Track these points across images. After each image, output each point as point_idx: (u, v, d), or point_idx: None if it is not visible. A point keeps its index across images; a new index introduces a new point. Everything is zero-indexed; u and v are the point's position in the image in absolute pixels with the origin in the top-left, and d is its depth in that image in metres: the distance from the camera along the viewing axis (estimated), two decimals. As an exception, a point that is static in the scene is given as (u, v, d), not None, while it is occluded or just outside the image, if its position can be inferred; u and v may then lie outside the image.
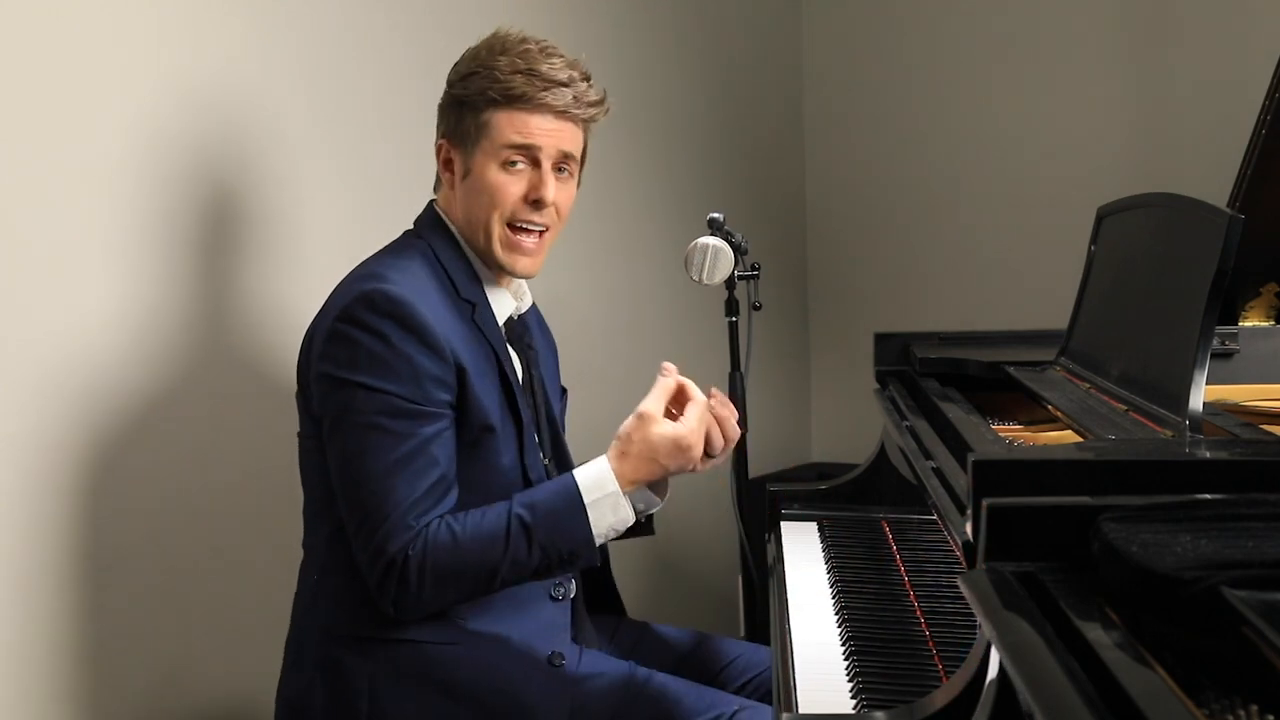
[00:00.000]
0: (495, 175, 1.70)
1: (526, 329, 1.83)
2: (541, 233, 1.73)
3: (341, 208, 2.26)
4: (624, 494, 1.62)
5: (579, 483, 1.62)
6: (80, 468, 1.86)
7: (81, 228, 1.86)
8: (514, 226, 1.72)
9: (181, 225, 2.00)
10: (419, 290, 1.63)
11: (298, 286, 2.14)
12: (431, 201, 1.80)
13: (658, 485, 1.68)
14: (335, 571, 1.67)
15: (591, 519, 1.61)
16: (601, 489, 1.62)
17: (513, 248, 1.72)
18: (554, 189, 1.71)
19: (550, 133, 1.70)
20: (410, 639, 1.63)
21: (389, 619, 1.61)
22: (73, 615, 1.85)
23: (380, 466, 1.57)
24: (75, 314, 1.85)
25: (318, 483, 1.70)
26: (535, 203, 1.71)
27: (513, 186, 1.70)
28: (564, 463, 1.81)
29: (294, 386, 1.75)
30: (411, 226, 1.79)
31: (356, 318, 1.60)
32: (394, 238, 1.79)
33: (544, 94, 1.68)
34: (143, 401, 1.94)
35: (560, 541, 1.60)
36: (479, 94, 1.69)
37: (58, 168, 1.82)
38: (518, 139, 1.69)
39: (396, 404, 1.58)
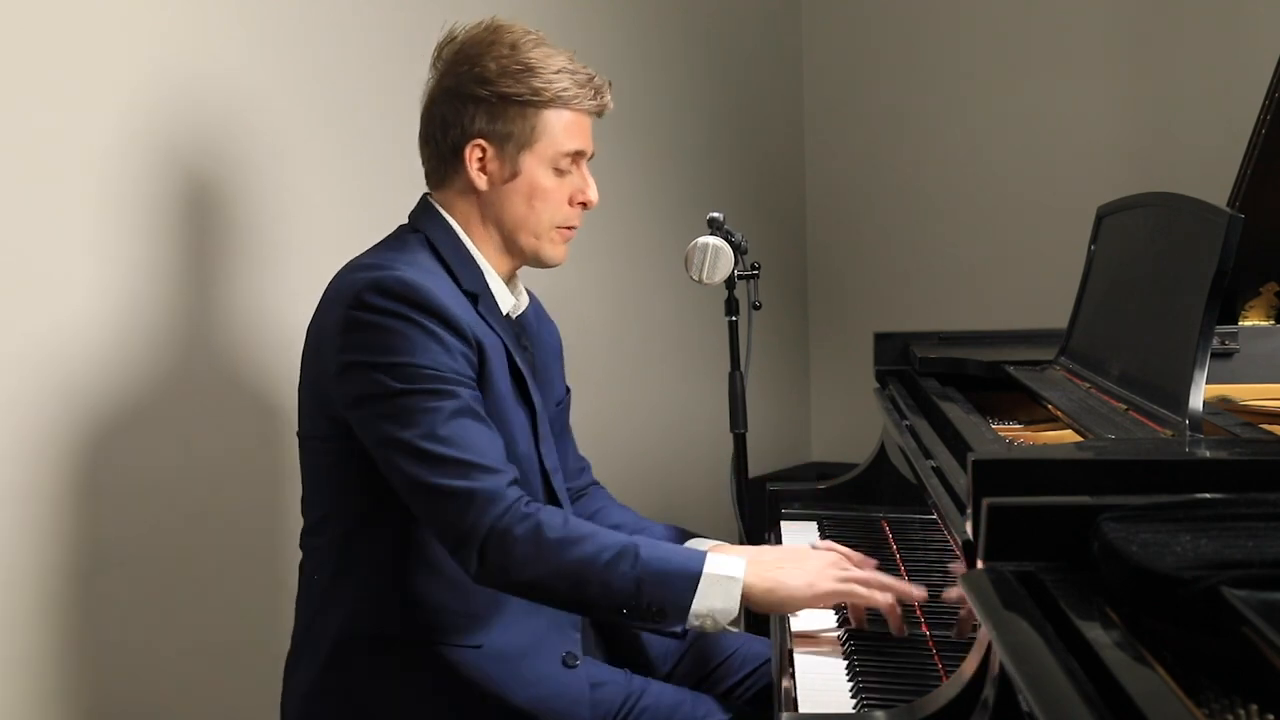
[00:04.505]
0: (548, 180, 1.68)
1: (524, 330, 1.82)
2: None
3: (335, 208, 2.26)
4: (741, 586, 1.53)
5: (707, 555, 1.55)
6: (71, 467, 1.86)
7: (73, 228, 1.86)
8: (560, 227, 1.72)
9: (174, 226, 2.00)
10: (427, 277, 1.62)
11: (290, 286, 2.14)
12: (426, 195, 1.77)
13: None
14: (348, 572, 1.65)
15: (700, 590, 1.52)
16: (725, 570, 1.53)
17: (558, 243, 1.73)
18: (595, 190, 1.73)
19: (590, 134, 1.71)
20: (426, 640, 1.61)
21: (405, 621, 1.60)
22: (69, 616, 1.85)
23: (447, 434, 1.53)
24: (67, 315, 1.85)
25: (326, 481, 1.68)
26: (583, 204, 1.72)
27: (563, 191, 1.70)
28: (564, 462, 1.80)
29: (287, 387, 1.74)
30: (406, 221, 1.77)
31: (370, 303, 1.57)
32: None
33: (593, 98, 1.68)
34: (135, 402, 1.94)
35: (658, 591, 1.51)
36: (532, 94, 1.65)
37: (45, 167, 1.82)
38: (573, 145, 1.68)
39: (437, 374, 1.55)
